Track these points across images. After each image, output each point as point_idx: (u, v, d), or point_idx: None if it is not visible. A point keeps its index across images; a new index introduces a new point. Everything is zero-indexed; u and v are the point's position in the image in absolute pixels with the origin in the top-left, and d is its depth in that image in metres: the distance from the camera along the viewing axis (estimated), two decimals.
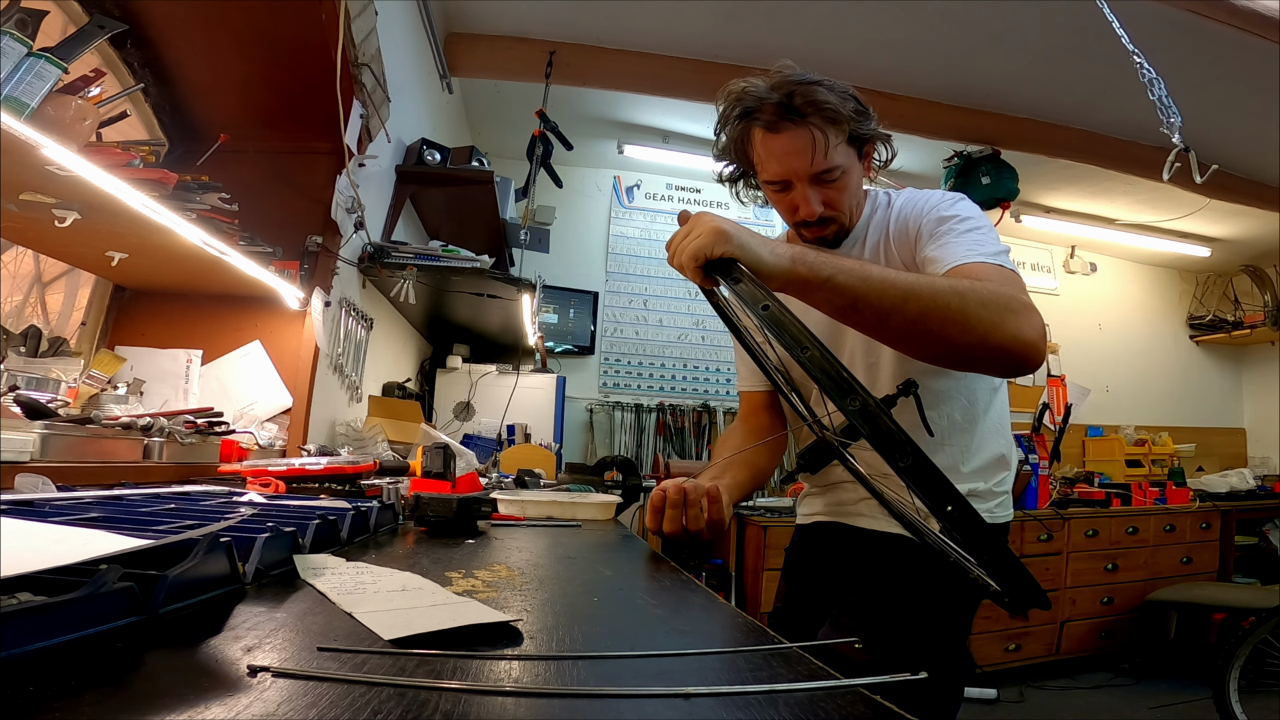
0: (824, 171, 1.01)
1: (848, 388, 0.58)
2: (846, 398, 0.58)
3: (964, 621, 1.13)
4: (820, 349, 0.62)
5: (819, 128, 0.99)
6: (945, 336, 0.78)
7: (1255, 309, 5.10)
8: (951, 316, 0.77)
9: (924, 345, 0.82)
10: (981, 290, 0.81)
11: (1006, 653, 3.34)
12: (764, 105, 1.00)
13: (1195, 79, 2.85)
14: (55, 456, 1.08)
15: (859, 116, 1.02)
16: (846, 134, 1.01)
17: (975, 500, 1.11)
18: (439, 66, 3.00)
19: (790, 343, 0.62)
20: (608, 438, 4.08)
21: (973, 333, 0.77)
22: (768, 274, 0.75)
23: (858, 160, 1.06)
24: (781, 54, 1.06)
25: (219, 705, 0.30)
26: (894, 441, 0.56)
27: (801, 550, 1.31)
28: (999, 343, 0.79)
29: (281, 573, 0.61)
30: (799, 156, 1.00)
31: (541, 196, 3.57)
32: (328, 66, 1.71)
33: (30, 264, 1.72)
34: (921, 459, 0.56)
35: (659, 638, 0.52)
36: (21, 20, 1.01)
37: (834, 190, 1.04)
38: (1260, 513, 4.19)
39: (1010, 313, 0.80)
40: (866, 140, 1.05)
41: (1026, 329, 0.80)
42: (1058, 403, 4.24)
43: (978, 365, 0.87)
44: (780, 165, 1.02)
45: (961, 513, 0.55)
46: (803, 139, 0.99)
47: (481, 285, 2.45)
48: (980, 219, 0.99)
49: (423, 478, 1.32)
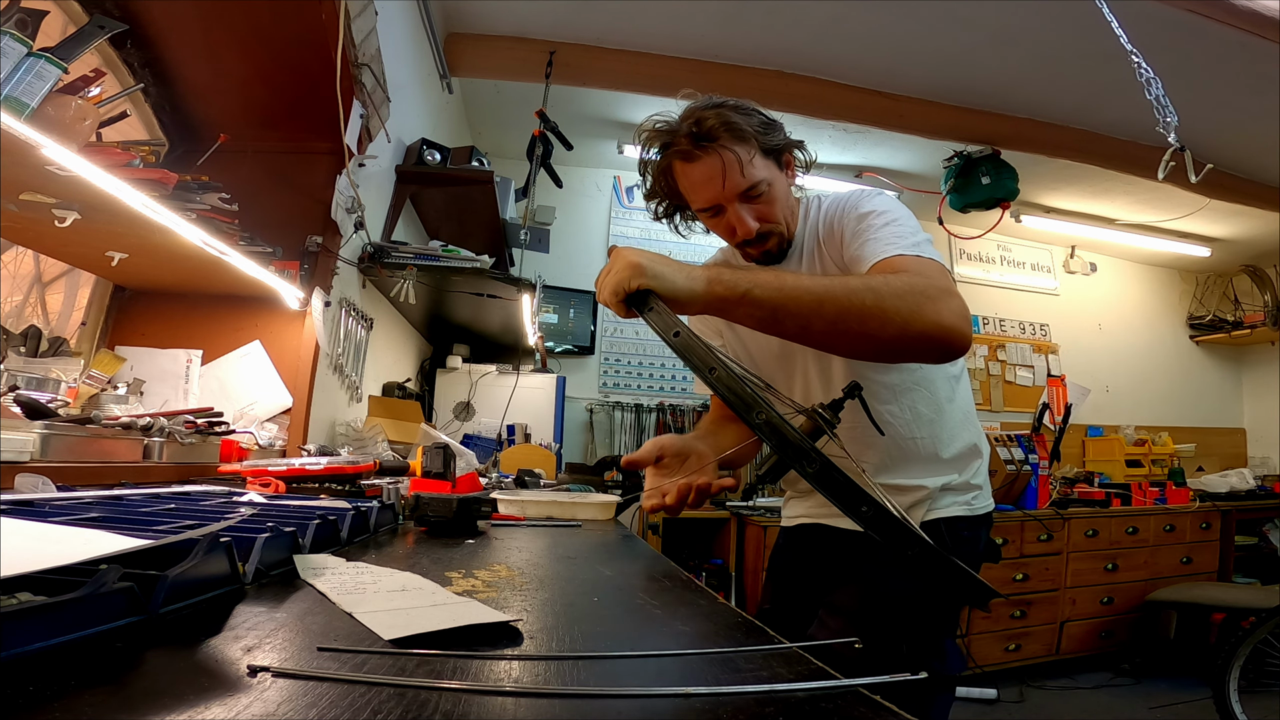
0: (749, 189, 1.03)
1: (753, 403, 0.61)
2: (753, 412, 0.61)
3: (949, 617, 1.14)
4: (726, 369, 0.65)
5: (730, 148, 1.01)
6: (867, 332, 0.80)
7: (1255, 309, 5.09)
8: (869, 312, 0.79)
9: (851, 344, 0.84)
10: (895, 283, 0.83)
11: (1006, 653, 3.34)
12: (676, 137, 1.03)
13: (1195, 79, 2.85)
14: (55, 456, 1.08)
15: (765, 129, 1.04)
16: (759, 148, 1.03)
17: (953, 494, 1.11)
18: (439, 66, 3.00)
19: (698, 365, 0.66)
20: (608, 438, 4.07)
21: (892, 324, 0.79)
22: (686, 300, 0.77)
23: (779, 170, 1.08)
24: (781, 54, 1.09)
25: (219, 705, 0.30)
26: (799, 451, 0.59)
27: (786, 551, 1.32)
28: (921, 330, 0.80)
29: (281, 573, 0.61)
30: (720, 180, 1.02)
31: (541, 196, 3.57)
32: (328, 66, 1.71)
33: (30, 264, 1.71)
34: (827, 465, 0.59)
35: (659, 638, 0.52)
36: (21, 20, 1.01)
37: (763, 204, 1.06)
38: (1260, 513, 4.19)
39: (927, 299, 0.81)
40: (783, 150, 1.08)
41: (945, 314, 0.81)
42: (1058, 403, 4.24)
43: (907, 355, 0.89)
44: (706, 192, 1.04)
45: (875, 512, 0.57)
46: (719, 163, 1.01)
47: (481, 285, 2.45)
48: (896, 210, 1.01)
49: (423, 478, 1.32)
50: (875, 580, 1.08)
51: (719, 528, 3.29)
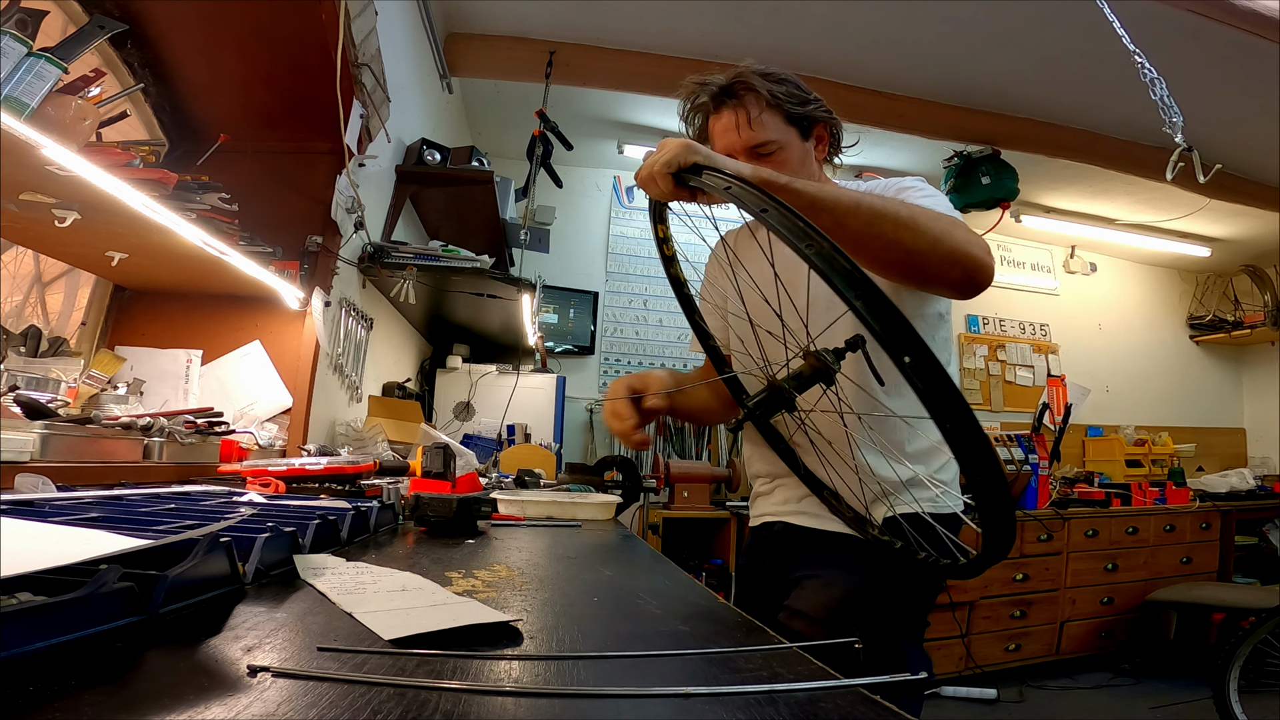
0: (758, 145, 1.09)
1: (804, 235, 0.56)
2: (804, 242, 0.56)
3: (912, 621, 1.13)
4: (780, 208, 0.60)
5: (750, 106, 1.08)
6: (899, 240, 0.84)
7: (1255, 309, 5.09)
8: (903, 222, 0.83)
9: (882, 251, 0.86)
10: (928, 209, 0.89)
11: (1006, 653, 3.34)
12: (707, 93, 1.11)
13: (1195, 79, 2.85)
14: (55, 456, 1.08)
15: (790, 97, 1.10)
16: (783, 113, 1.09)
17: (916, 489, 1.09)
18: (439, 66, 3.00)
19: (752, 207, 0.61)
20: (608, 438, 4.07)
21: (924, 238, 0.84)
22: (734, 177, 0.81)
23: (799, 139, 1.12)
24: (781, 54, 1.11)
25: (219, 705, 0.30)
26: (851, 278, 0.52)
27: (751, 552, 1.31)
28: (950, 249, 0.85)
29: (281, 573, 0.61)
30: (734, 132, 1.09)
31: (541, 196, 3.57)
32: (328, 66, 1.71)
33: (30, 264, 1.71)
34: (876, 294, 0.51)
35: (659, 638, 0.52)
36: (21, 20, 1.01)
37: (772, 164, 1.09)
38: (1260, 513, 4.19)
39: (957, 226, 0.87)
40: (809, 120, 1.13)
41: (976, 242, 0.87)
42: (1058, 403, 4.24)
43: (934, 274, 0.90)
44: (720, 143, 1.11)
45: (921, 360, 0.49)
46: (736, 115, 1.09)
47: (481, 285, 2.45)
48: (940, 198, 1.05)
49: (423, 478, 1.32)
50: (831, 581, 1.08)
51: (719, 528, 3.29)
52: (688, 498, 3.19)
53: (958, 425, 0.49)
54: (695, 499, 3.20)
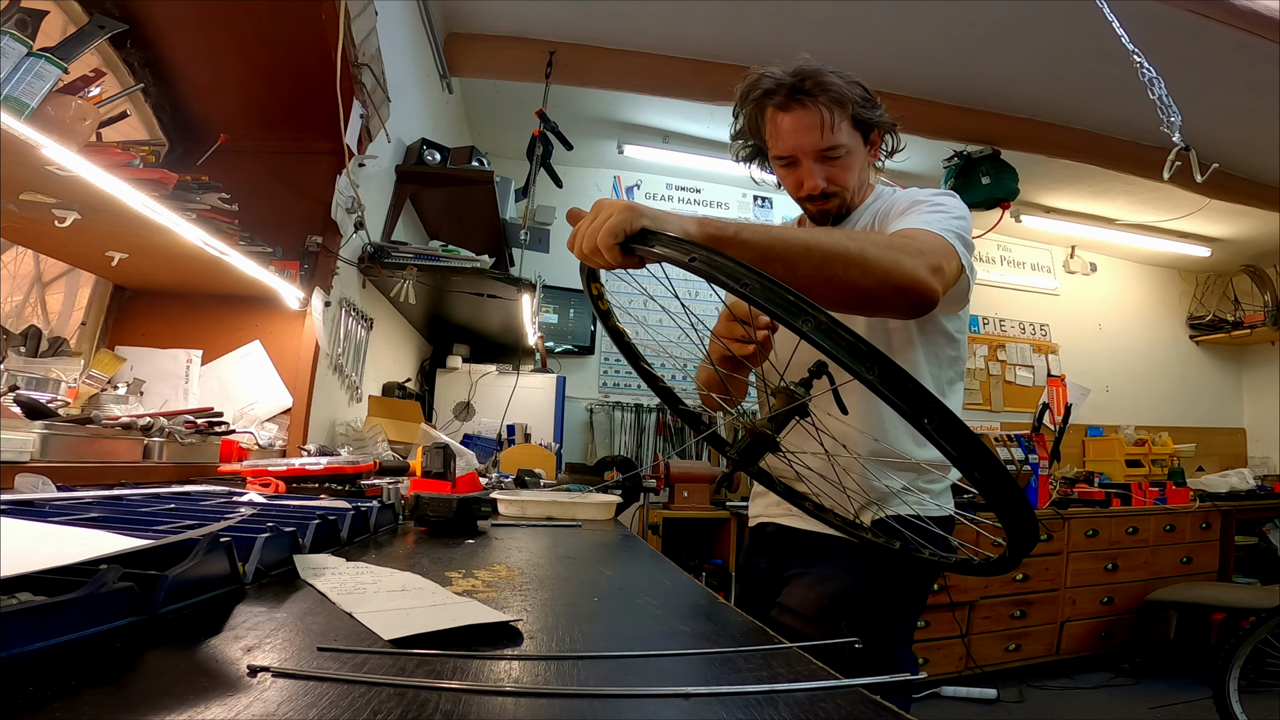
0: (829, 149, 1.09)
1: (797, 309, 0.55)
2: (799, 319, 0.55)
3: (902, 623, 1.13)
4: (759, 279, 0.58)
5: (825, 107, 1.08)
6: (849, 280, 0.82)
7: (1255, 309, 5.09)
8: (853, 260, 0.82)
9: (835, 292, 0.85)
10: (880, 237, 0.88)
11: (1006, 653, 3.34)
12: (779, 86, 1.09)
13: (1195, 79, 2.85)
14: (55, 456, 1.08)
15: (864, 103, 1.11)
16: (851, 117, 1.10)
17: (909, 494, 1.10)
18: (439, 66, 3.00)
19: (728, 282, 0.60)
20: (608, 438, 4.07)
21: (873, 274, 0.82)
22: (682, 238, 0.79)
23: (862, 144, 1.14)
24: (781, 54, 1.13)
25: (219, 705, 0.30)
26: (857, 352, 0.53)
27: (749, 551, 1.32)
28: (899, 281, 0.84)
29: (281, 573, 0.61)
30: (806, 133, 1.09)
31: (541, 196, 3.56)
32: (328, 66, 1.70)
33: (30, 264, 1.71)
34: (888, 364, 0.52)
35: (659, 638, 0.52)
36: (21, 20, 1.01)
37: (837, 168, 1.11)
38: (1260, 513, 4.19)
39: (906, 254, 0.86)
40: (872, 127, 1.13)
41: (921, 268, 0.85)
42: (1057, 403, 4.24)
43: (884, 306, 0.90)
44: (789, 141, 1.10)
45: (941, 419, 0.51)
46: (810, 117, 1.08)
47: (481, 285, 2.45)
48: (955, 208, 1.02)
49: (423, 478, 1.32)
50: (822, 578, 1.08)
51: (719, 528, 3.29)
52: (688, 498, 3.19)
53: (986, 474, 0.52)
54: (695, 499, 3.20)
